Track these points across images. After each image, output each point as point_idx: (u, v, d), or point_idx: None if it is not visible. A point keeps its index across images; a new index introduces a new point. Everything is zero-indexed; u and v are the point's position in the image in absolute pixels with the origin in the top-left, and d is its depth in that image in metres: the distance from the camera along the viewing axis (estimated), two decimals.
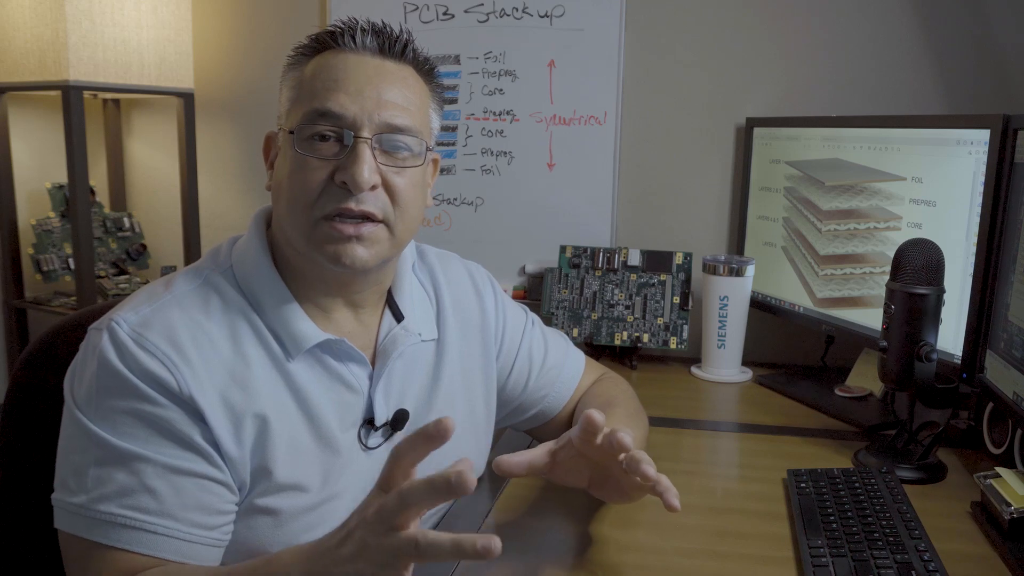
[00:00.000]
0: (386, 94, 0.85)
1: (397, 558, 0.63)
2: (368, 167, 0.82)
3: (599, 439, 0.84)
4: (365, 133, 0.83)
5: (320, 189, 0.83)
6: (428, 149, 0.90)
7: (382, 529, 0.63)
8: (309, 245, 0.85)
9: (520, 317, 1.13)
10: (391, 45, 0.87)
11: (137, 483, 0.76)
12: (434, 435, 0.64)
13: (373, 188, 0.84)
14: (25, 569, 0.96)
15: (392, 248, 0.88)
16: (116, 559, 0.75)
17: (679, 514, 1.00)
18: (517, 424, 1.15)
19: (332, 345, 0.88)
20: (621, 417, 1.05)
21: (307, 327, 0.87)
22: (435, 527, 0.96)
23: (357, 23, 0.87)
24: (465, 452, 1.01)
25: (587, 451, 0.87)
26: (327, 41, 0.87)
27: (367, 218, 0.84)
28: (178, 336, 0.80)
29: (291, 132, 0.85)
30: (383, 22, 0.88)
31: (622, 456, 0.82)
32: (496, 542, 0.60)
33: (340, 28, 0.87)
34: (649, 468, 0.81)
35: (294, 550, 0.71)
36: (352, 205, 0.83)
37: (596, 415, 0.82)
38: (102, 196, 2.14)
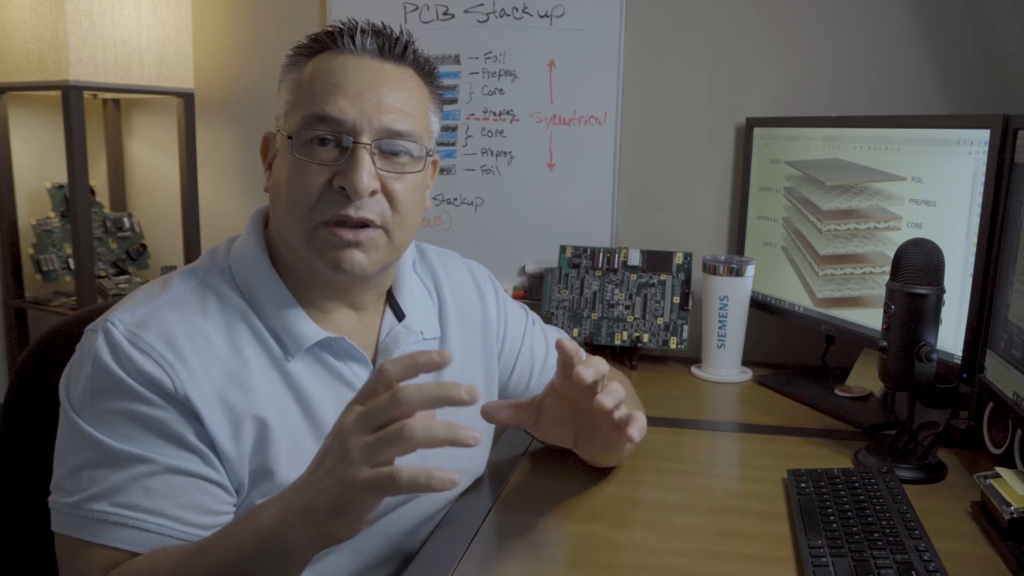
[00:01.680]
0: (386, 98, 0.84)
1: (383, 450, 0.62)
2: (367, 173, 0.82)
3: (577, 371, 0.80)
4: (365, 138, 0.83)
5: (319, 194, 0.83)
6: (428, 153, 0.89)
7: (364, 429, 0.64)
8: (309, 250, 0.84)
9: (521, 316, 1.13)
10: (391, 47, 0.86)
11: (131, 482, 0.75)
12: (429, 365, 0.65)
13: (372, 194, 0.83)
14: (25, 569, 0.96)
15: (391, 253, 0.88)
16: (106, 556, 0.75)
17: (679, 514, 1.01)
18: (517, 423, 1.15)
19: (332, 343, 0.88)
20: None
21: (307, 326, 0.86)
22: (434, 529, 0.96)
23: (357, 24, 0.86)
24: (466, 451, 1.01)
25: (567, 390, 0.85)
26: (326, 42, 0.86)
27: (366, 224, 0.84)
28: (175, 336, 0.80)
29: (289, 136, 0.84)
30: (383, 23, 0.87)
31: (576, 368, 0.79)
32: (478, 433, 0.64)
33: (339, 29, 0.86)
34: (587, 372, 0.78)
35: (268, 499, 0.71)
36: (351, 212, 0.82)
37: (566, 340, 0.81)
38: (102, 196, 2.13)
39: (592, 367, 0.79)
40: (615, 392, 0.82)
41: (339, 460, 0.64)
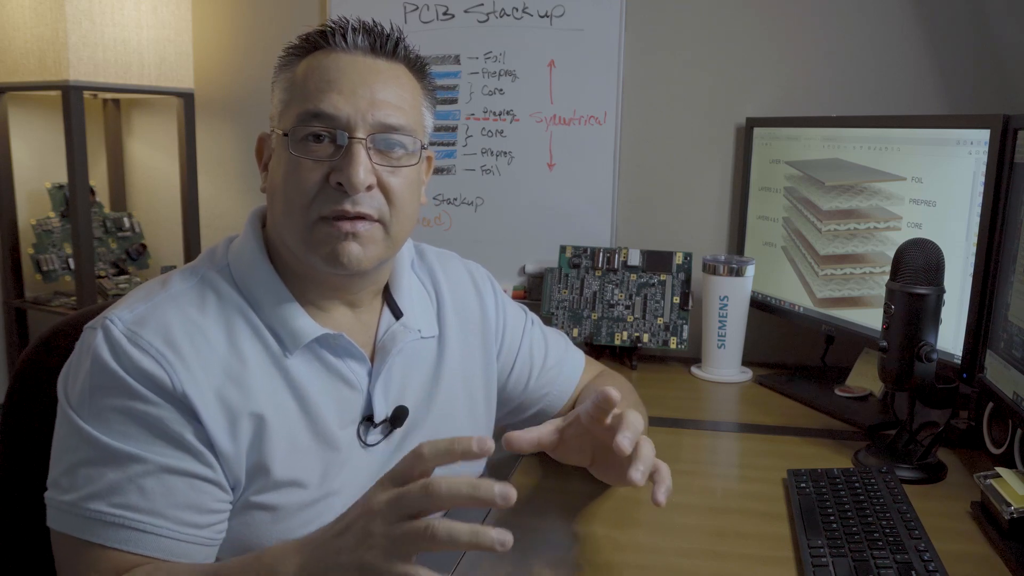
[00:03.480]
0: (379, 93, 0.85)
1: (406, 546, 0.63)
2: (363, 167, 0.82)
3: (609, 419, 0.83)
4: (359, 133, 0.83)
5: (315, 190, 0.83)
6: (422, 147, 0.89)
7: (393, 518, 0.64)
8: (306, 247, 0.85)
9: (520, 316, 1.13)
10: (382, 44, 0.87)
11: (127, 482, 0.75)
12: (468, 455, 0.65)
13: (368, 188, 0.84)
14: (25, 569, 0.96)
15: (388, 248, 0.88)
16: (105, 557, 0.75)
17: (679, 514, 1.01)
18: (517, 423, 1.15)
19: (330, 340, 0.88)
20: (624, 407, 1.05)
21: (305, 322, 0.87)
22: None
23: (348, 22, 0.86)
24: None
25: (594, 429, 0.86)
26: (318, 41, 0.87)
27: (363, 218, 0.84)
28: (173, 334, 0.80)
29: (285, 134, 0.85)
30: (374, 21, 0.88)
31: (617, 438, 0.79)
32: (512, 490, 0.63)
33: (331, 28, 0.87)
34: (630, 443, 0.78)
35: (287, 544, 0.71)
36: (348, 207, 0.83)
37: (613, 392, 0.81)
38: (102, 196, 2.14)
39: (630, 430, 0.79)
40: (646, 459, 0.80)
41: (362, 542, 0.64)
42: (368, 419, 0.90)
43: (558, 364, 1.13)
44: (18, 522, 0.95)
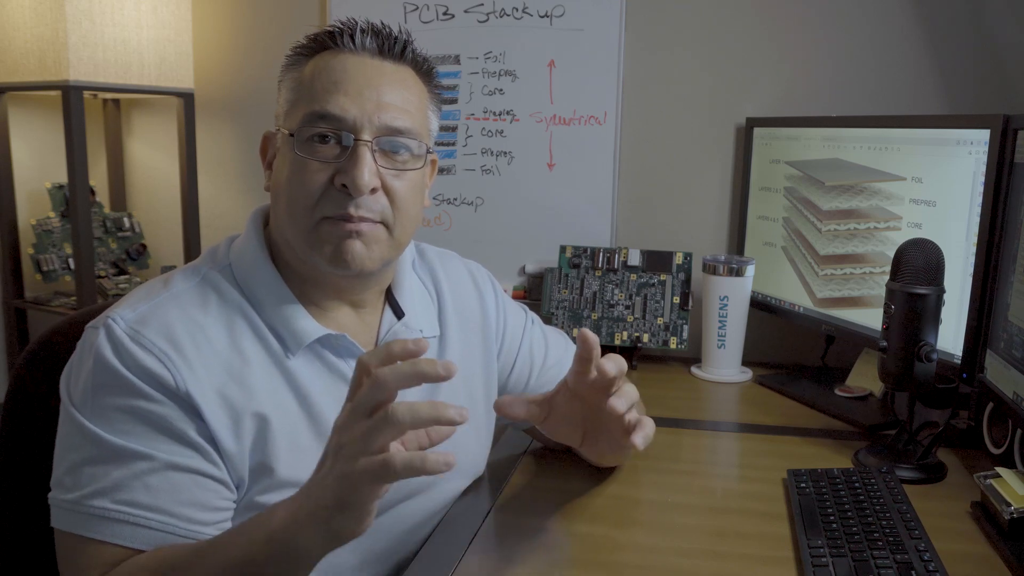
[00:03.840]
0: (386, 96, 0.85)
1: (373, 438, 0.63)
2: (368, 170, 0.82)
3: (593, 371, 0.81)
4: (365, 136, 0.83)
5: (320, 192, 0.83)
6: (428, 151, 0.90)
7: (354, 421, 0.64)
8: (309, 247, 0.85)
9: (520, 316, 1.13)
10: (390, 46, 0.87)
11: (133, 479, 0.75)
12: (405, 353, 0.65)
13: (373, 191, 0.84)
14: (25, 569, 0.96)
15: (391, 250, 0.88)
16: (108, 553, 0.75)
17: (679, 514, 1.01)
18: (517, 423, 1.15)
19: (332, 340, 0.88)
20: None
21: (307, 323, 0.87)
22: (434, 529, 0.96)
23: (356, 24, 0.86)
24: (466, 450, 1.01)
25: (581, 388, 0.84)
26: (326, 41, 0.87)
27: (366, 220, 0.84)
28: (175, 333, 0.80)
29: (291, 134, 0.85)
30: (382, 23, 0.88)
31: (610, 401, 0.81)
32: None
33: (339, 28, 0.87)
34: (612, 369, 0.79)
35: (280, 501, 0.71)
36: (352, 209, 0.83)
37: (589, 333, 0.80)
38: (102, 196, 2.14)
39: (613, 362, 0.80)
40: (629, 395, 0.83)
41: (336, 457, 0.65)
42: None
43: (558, 363, 1.13)
44: (19, 522, 0.95)
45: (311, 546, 0.67)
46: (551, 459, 1.15)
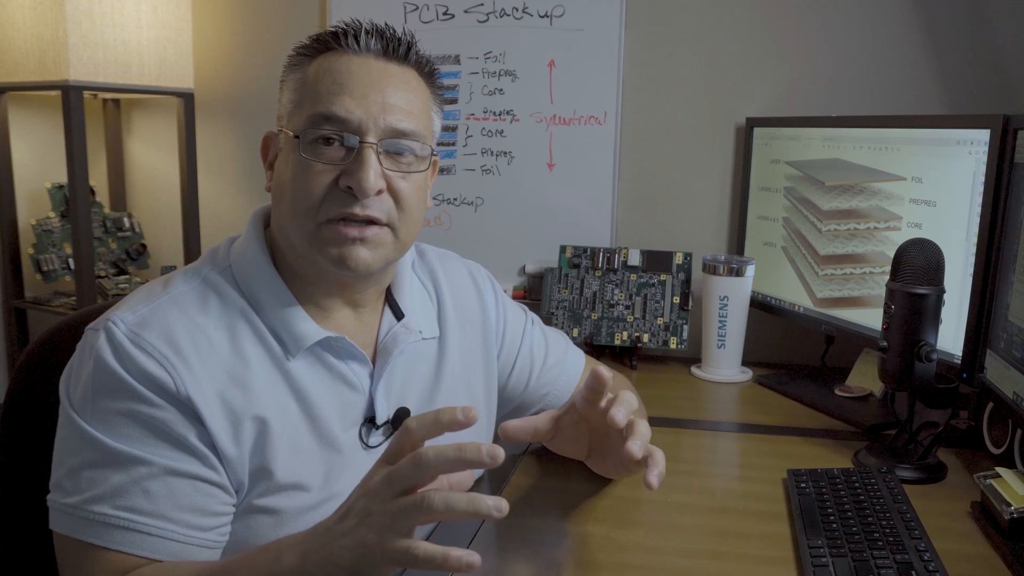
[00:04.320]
0: (391, 98, 0.84)
1: (404, 519, 0.63)
2: (374, 172, 0.82)
3: (603, 402, 0.84)
4: (371, 138, 0.83)
5: (324, 193, 0.83)
6: (431, 152, 0.90)
7: (389, 494, 0.64)
8: (312, 249, 0.85)
9: (520, 316, 1.13)
10: (394, 48, 0.87)
11: (132, 484, 0.75)
12: (455, 424, 0.65)
13: (378, 193, 0.84)
14: (25, 569, 0.96)
15: (396, 251, 0.88)
16: (110, 559, 0.75)
17: (679, 514, 1.01)
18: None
19: (333, 343, 0.88)
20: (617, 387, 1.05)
21: (307, 325, 0.86)
22: (434, 529, 0.96)
23: (360, 25, 0.86)
24: None
25: (589, 414, 0.86)
26: (329, 42, 0.87)
27: (371, 222, 0.84)
28: (176, 336, 0.80)
29: (295, 135, 0.85)
30: (386, 24, 0.88)
31: (611, 411, 0.81)
32: (505, 503, 0.63)
33: (343, 29, 0.86)
34: (622, 417, 0.80)
35: (290, 536, 0.71)
36: (357, 210, 0.83)
37: (603, 370, 0.82)
38: (102, 196, 2.13)
39: (624, 405, 0.81)
40: (642, 435, 0.81)
41: (361, 522, 0.65)
42: (370, 421, 0.90)
43: (558, 364, 1.13)
44: (19, 523, 0.95)
45: None
46: (551, 459, 1.15)
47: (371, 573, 0.65)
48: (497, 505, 0.63)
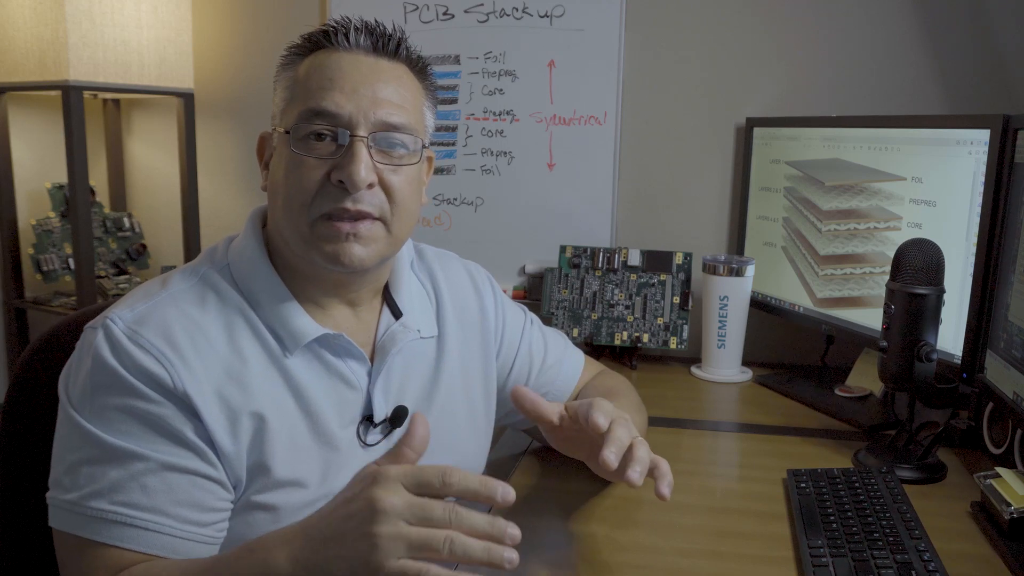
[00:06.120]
0: (381, 92, 0.85)
1: (417, 549, 0.62)
2: (365, 165, 0.82)
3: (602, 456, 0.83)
4: (361, 132, 0.83)
5: (317, 188, 0.83)
6: (424, 147, 0.90)
7: (407, 519, 0.63)
8: (306, 245, 0.85)
9: (519, 316, 1.13)
10: (384, 44, 0.87)
11: (129, 479, 0.76)
12: (493, 502, 0.66)
13: (370, 187, 0.84)
14: (25, 569, 0.96)
15: (389, 246, 0.88)
16: (108, 555, 0.75)
17: (679, 514, 1.01)
18: (517, 423, 1.15)
19: (330, 340, 0.88)
20: (624, 407, 1.05)
21: (305, 322, 0.87)
22: None
23: (350, 22, 0.87)
24: (465, 451, 1.01)
25: (589, 431, 0.86)
26: (320, 40, 0.87)
27: (364, 216, 0.84)
28: (174, 333, 0.80)
29: (287, 132, 0.85)
30: (376, 20, 0.88)
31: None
32: (511, 493, 0.65)
33: (333, 27, 0.87)
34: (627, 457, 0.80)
35: (276, 534, 0.70)
36: (349, 204, 0.83)
37: (600, 420, 0.81)
38: (102, 196, 2.13)
39: (615, 445, 0.80)
40: (618, 441, 0.81)
41: (366, 538, 0.63)
42: (368, 419, 0.90)
43: (557, 363, 1.13)
44: (19, 522, 0.95)
45: None
46: (551, 459, 1.15)
47: None
48: (511, 557, 0.64)
